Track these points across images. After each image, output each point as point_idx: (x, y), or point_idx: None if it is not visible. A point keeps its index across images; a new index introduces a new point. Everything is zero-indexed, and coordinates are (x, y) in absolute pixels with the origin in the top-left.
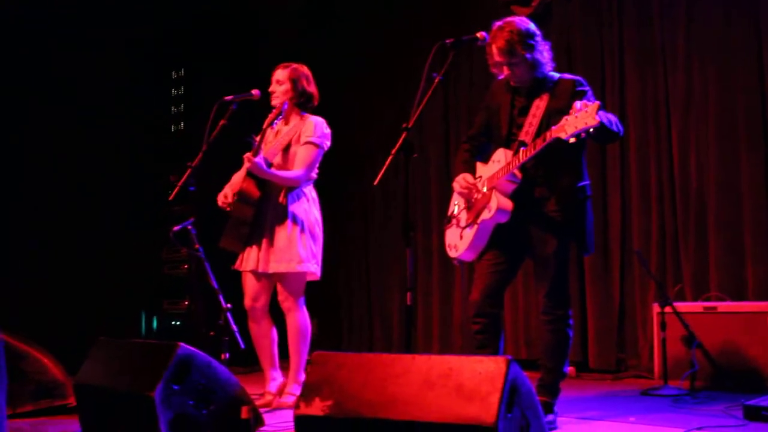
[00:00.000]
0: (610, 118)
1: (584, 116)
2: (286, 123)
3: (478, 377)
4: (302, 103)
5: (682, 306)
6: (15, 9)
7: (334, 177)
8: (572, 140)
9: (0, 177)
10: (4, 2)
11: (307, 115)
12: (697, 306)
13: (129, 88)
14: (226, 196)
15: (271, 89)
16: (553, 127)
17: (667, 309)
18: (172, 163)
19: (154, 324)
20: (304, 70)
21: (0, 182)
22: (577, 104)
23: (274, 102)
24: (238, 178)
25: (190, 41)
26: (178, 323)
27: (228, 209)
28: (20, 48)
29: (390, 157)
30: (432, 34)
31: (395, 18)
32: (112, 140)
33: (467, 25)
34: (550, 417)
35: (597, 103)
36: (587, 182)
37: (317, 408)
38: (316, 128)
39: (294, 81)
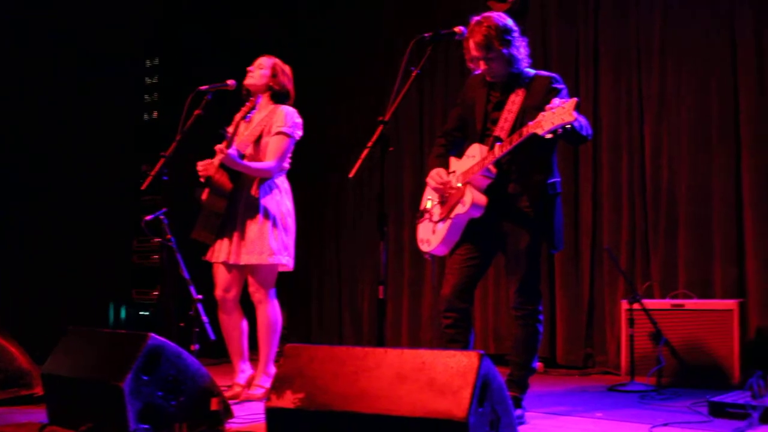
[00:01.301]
0: (581, 122)
1: (561, 112)
2: (259, 113)
3: (450, 371)
4: (278, 95)
5: (650, 303)
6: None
7: (308, 167)
8: (549, 136)
9: None
10: None
11: (278, 105)
12: (665, 303)
13: (102, 76)
14: (205, 166)
15: (249, 68)
16: (530, 123)
17: (636, 306)
18: (144, 153)
19: (122, 314)
20: (287, 68)
21: None
22: (555, 101)
23: (248, 81)
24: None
25: (165, 30)
26: (146, 313)
27: (203, 180)
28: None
29: (366, 150)
30: (410, 27)
31: (374, 10)
32: (83, 128)
33: (445, 19)
34: (519, 412)
35: (575, 99)
36: (558, 179)
37: (289, 400)
38: (287, 118)
39: (275, 72)
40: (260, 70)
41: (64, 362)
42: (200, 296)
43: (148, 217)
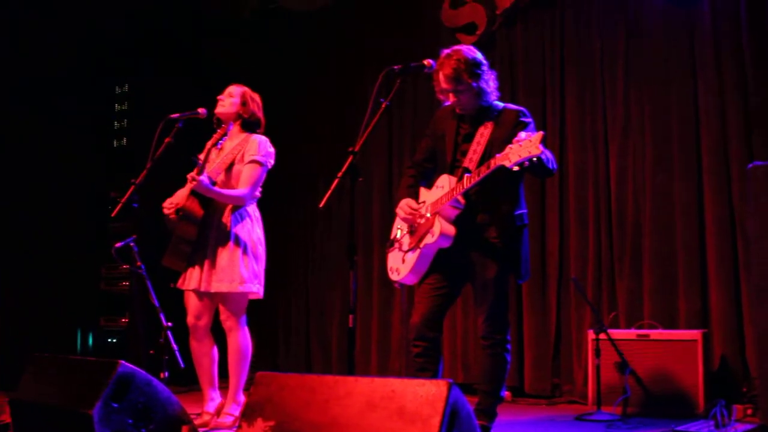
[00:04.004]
0: (548, 155)
1: (528, 145)
2: (230, 141)
3: (419, 400)
4: (249, 123)
5: (616, 333)
6: None
7: (277, 197)
8: (516, 168)
9: None
10: None
11: (250, 134)
12: (630, 333)
13: (71, 101)
14: (171, 204)
15: (219, 97)
16: (498, 155)
17: (602, 336)
18: (113, 179)
19: (90, 341)
20: (257, 97)
21: None
22: (522, 134)
23: (218, 110)
24: (182, 194)
25: (135, 56)
26: (114, 341)
27: (173, 217)
28: None
29: (336, 180)
30: (379, 59)
31: (343, 42)
32: (52, 154)
33: (413, 51)
34: None
35: (541, 133)
36: (525, 210)
37: (259, 428)
38: (260, 147)
39: (245, 101)
40: (230, 98)
41: (32, 389)
42: (170, 323)
43: (118, 244)
